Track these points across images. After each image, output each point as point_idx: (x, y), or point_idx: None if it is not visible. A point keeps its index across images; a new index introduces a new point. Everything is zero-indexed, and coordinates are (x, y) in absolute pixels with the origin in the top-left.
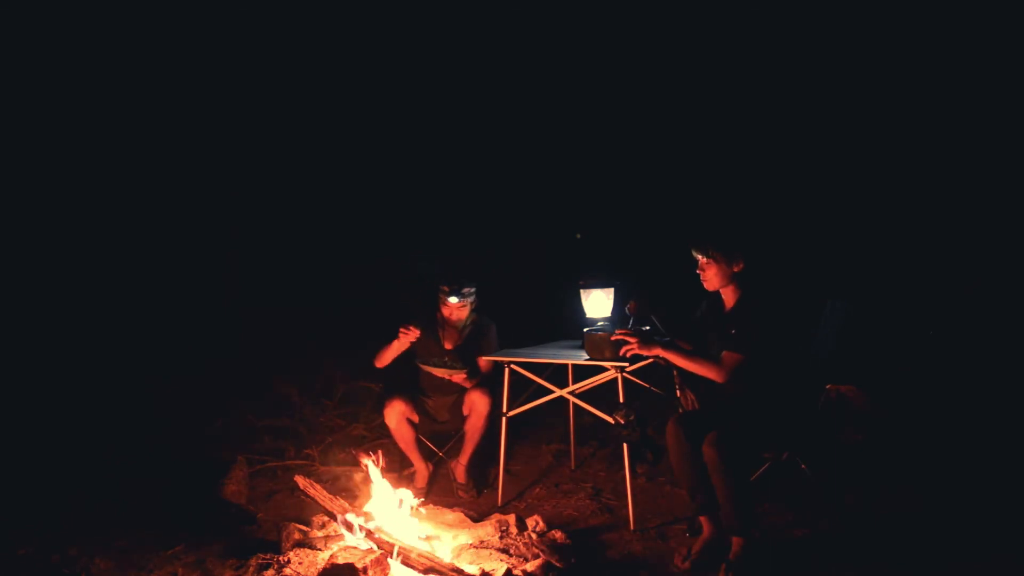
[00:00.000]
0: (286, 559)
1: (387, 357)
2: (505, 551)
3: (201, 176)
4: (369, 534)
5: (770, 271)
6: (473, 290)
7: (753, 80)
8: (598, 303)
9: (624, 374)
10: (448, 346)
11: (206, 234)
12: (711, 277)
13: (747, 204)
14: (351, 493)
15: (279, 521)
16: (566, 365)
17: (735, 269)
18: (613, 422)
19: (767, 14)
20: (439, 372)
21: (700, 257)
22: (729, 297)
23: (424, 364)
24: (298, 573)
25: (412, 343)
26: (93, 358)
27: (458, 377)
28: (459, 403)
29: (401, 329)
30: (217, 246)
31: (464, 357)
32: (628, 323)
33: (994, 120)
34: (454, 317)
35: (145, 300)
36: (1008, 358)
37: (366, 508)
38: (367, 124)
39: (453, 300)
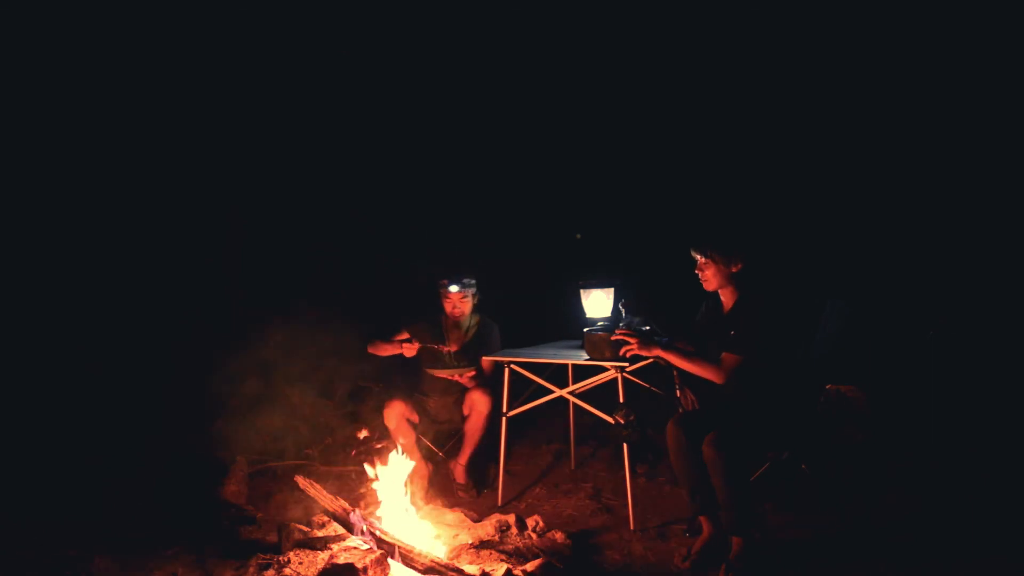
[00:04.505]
0: (286, 559)
1: (380, 351)
2: (505, 551)
3: (201, 177)
4: (369, 534)
5: (769, 271)
6: (473, 281)
7: (754, 80)
8: (598, 303)
9: (624, 374)
10: (453, 347)
11: (205, 233)
12: (709, 277)
13: (747, 204)
14: (351, 493)
15: (279, 521)
16: (566, 365)
17: (733, 269)
18: (613, 422)
19: (767, 13)
20: (447, 374)
21: (699, 257)
22: (728, 298)
23: (432, 370)
24: (298, 573)
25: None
26: (93, 357)
27: (466, 376)
28: (459, 403)
29: (405, 345)
30: (217, 245)
31: (468, 358)
32: (622, 322)
33: (996, 119)
34: (456, 311)
35: (144, 300)
36: (1008, 358)
37: (366, 508)
38: (365, 123)
39: (454, 289)
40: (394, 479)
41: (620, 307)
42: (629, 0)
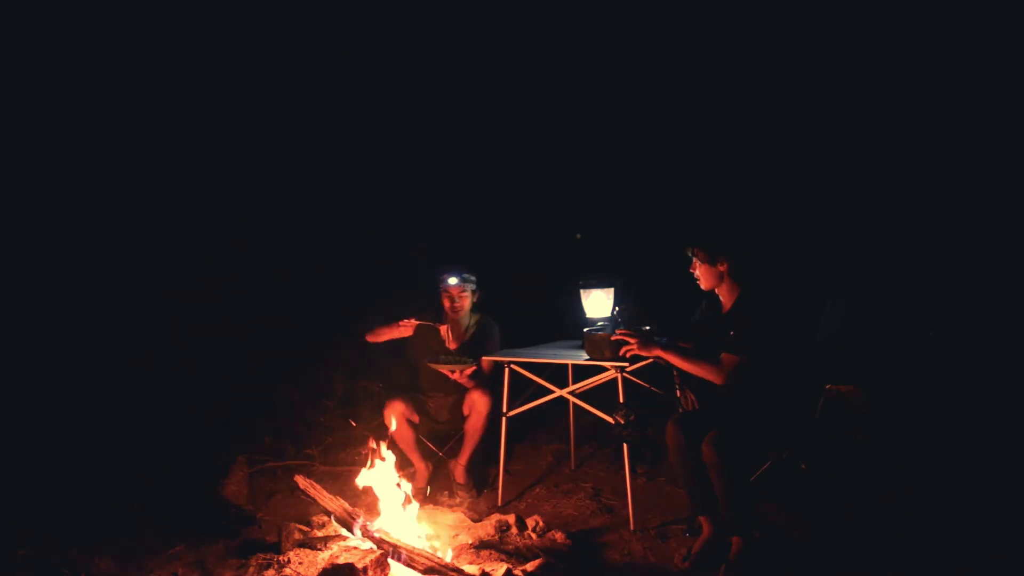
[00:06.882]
0: (286, 559)
1: (381, 336)
2: (505, 551)
3: (201, 177)
4: (369, 534)
5: (769, 271)
6: (473, 278)
7: (754, 79)
8: (598, 303)
9: (624, 374)
10: (453, 346)
11: (203, 230)
12: (701, 276)
13: (747, 204)
14: (351, 493)
15: (279, 521)
16: (566, 365)
17: (720, 268)
18: (613, 422)
19: (767, 13)
20: (447, 369)
21: (690, 256)
22: (727, 297)
23: (433, 363)
24: (298, 573)
25: (417, 347)
26: (93, 357)
27: (467, 372)
28: (459, 403)
29: (403, 322)
30: (214, 242)
31: (468, 357)
32: (623, 324)
33: (996, 120)
34: (456, 305)
35: (143, 299)
36: (1008, 359)
37: (365, 508)
38: (365, 123)
39: (453, 282)
40: (387, 480)
41: (615, 315)
42: (629, 1)
